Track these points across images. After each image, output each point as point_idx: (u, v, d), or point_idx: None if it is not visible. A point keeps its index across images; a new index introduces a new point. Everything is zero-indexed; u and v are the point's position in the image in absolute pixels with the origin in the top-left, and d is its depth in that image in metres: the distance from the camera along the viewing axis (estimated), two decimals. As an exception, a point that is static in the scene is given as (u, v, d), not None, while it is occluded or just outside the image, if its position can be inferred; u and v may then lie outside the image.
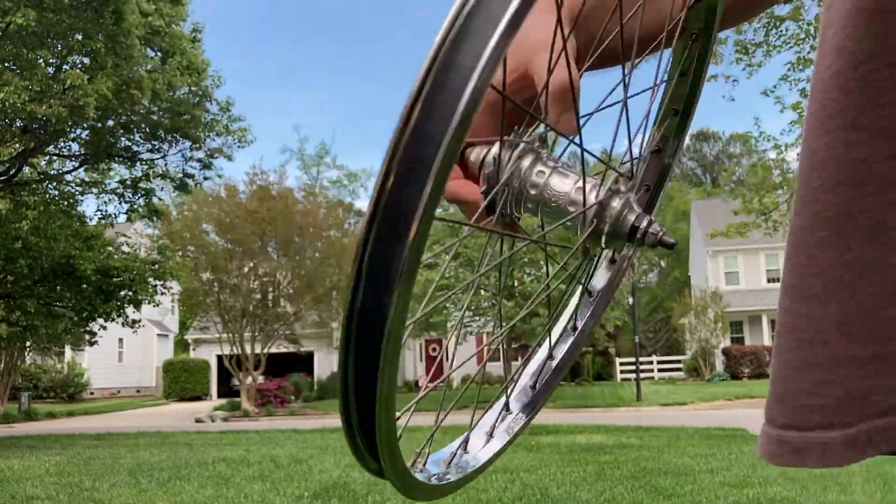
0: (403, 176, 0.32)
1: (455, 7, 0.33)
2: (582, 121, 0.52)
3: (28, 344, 21.39)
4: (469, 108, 0.31)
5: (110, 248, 16.66)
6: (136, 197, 17.20)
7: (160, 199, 18.13)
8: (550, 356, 0.63)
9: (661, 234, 0.51)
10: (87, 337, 18.44)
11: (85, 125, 14.74)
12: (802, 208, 0.50)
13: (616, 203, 0.51)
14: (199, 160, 17.12)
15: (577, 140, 0.52)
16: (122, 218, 17.84)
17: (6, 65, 13.20)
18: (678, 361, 32.73)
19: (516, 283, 23.03)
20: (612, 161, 0.54)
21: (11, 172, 15.25)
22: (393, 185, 0.32)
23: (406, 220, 0.31)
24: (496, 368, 32.03)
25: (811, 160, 0.49)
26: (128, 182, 17.17)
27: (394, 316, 0.32)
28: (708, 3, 0.56)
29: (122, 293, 16.35)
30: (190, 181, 17.27)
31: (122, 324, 17.04)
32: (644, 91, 0.55)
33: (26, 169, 16.04)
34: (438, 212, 0.32)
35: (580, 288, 0.65)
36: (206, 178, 17.68)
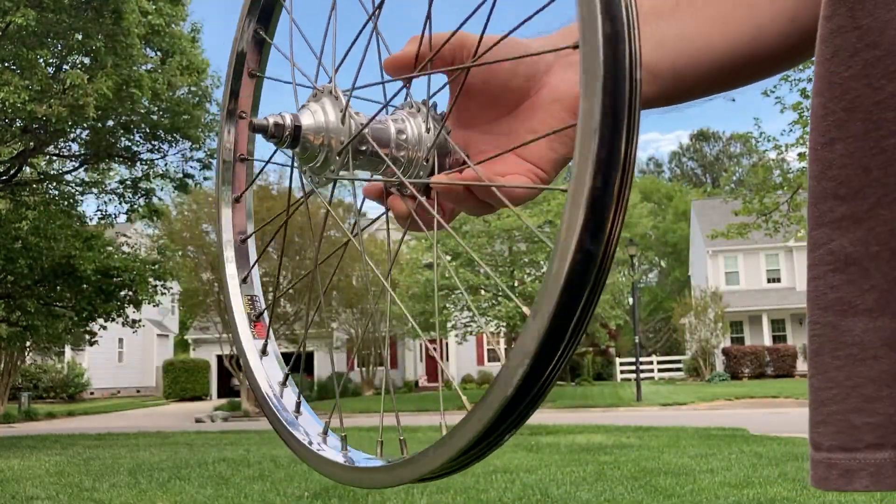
0: None
1: None
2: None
3: (28, 344, 21.39)
4: None
5: (110, 248, 16.65)
6: (136, 197, 17.21)
7: (160, 199, 18.13)
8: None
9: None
10: (87, 337, 18.43)
11: (85, 125, 14.73)
12: (854, 224, 0.47)
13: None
14: (198, 160, 17.12)
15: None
16: (122, 218, 17.85)
17: (6, 65, 13.20)
18: (678, 361, 32.76)
19: (517, 284, 23.02)
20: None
21: (11, 172, 15.26)
22: None
23: None
24: (498, 369, 32.04)
25: (866, 177, 0.47)
26: (128, 182, 17.18)
27: None
28: None
29: (123, 293, 16.35)
30: (190, 181, 17.28)
31: (123, 324, 17.04)
32: None
33: (26, 169, 16.04)
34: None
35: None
36: (206, 178, 17.68)
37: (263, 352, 0.61)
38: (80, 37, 13.25)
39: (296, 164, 0.55)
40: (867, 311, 0.47)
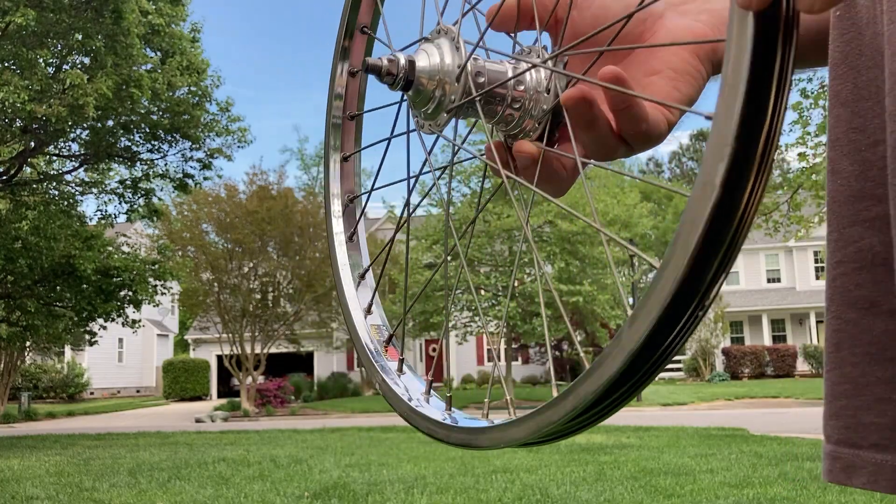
0: None
1: None
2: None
3: (28, 344, 21.40)
4: None
5: (110, 248, 16.65)
6: (136, 197, 17.20)
7: (160, 199, 18.13)
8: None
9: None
10: (87, 337, 18.43)
11: (85, 125, 14.73)
12: (887, 224, 0.48)
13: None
14: (198, 160, 17.12)
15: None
16: (122, 218, 17.84)
17: (6, 65, 13.20)
18: (678, 361, 32.74)
19: (517, 284, 23.01)
20: None
21: (11, 172, 15.25)
22: None
23: None
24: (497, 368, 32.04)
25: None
26: (128, 182, 17.17)
27: None
28: None
29: (123, 293, 16.35)
30: (190, 181, 17.28)
31: (122, 324, 17.04)
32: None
33: (26, 169, 16.04)
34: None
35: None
36: (206, 178, 17.68)
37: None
38: (80, 37, 13.25)
39: (404, 99, 0.52)
40: (890, 311, 0.47)
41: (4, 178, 15.08)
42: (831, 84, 0.53)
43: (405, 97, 0.52)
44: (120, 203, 17.35)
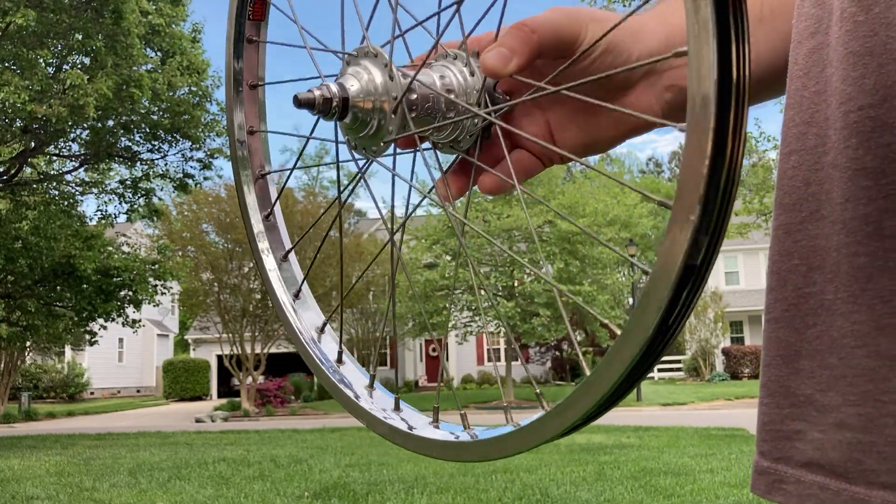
0: None
1: None
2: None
3: (28, 344, 21.40)
4: None
5: (110, 248, 16.66)
6: (136, 197, 17.20)
7: (160, 199, 18.13)
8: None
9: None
10: (88, 337, 18.43)
11: (85, 125, 14.74)
12: (786, 234, 0.50)
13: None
14: (199, 160, 17.12)
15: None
16: (122, 218, 17.85)
17: (6, 65, 13.20)
18: (678, 361, 32.75)
19: (516, 284, 23.03)
20: None
21: (11, 172, 15.26)
22: None
23: None
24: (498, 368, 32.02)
25: (805, 190, 0.49)
26: (128, 182, 17.18)
27: None
28: None
29: (123, 293, 16.36)
30: (190, 181, 17.28)
31: (123, 324, 17.05)
32: None
33: (26, 169, 16.05)
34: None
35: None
36: (206, 178, 17.68)
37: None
38: (80, 37, 13.25)
39: (342, 140, 0.51)
40: (773, 320, 0.50)
41: (5, 178, 15.09)
42: None
43: (340, 134, 0.51)
44: (120, 203, 17.36)
